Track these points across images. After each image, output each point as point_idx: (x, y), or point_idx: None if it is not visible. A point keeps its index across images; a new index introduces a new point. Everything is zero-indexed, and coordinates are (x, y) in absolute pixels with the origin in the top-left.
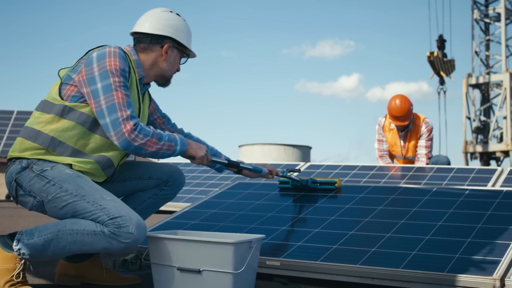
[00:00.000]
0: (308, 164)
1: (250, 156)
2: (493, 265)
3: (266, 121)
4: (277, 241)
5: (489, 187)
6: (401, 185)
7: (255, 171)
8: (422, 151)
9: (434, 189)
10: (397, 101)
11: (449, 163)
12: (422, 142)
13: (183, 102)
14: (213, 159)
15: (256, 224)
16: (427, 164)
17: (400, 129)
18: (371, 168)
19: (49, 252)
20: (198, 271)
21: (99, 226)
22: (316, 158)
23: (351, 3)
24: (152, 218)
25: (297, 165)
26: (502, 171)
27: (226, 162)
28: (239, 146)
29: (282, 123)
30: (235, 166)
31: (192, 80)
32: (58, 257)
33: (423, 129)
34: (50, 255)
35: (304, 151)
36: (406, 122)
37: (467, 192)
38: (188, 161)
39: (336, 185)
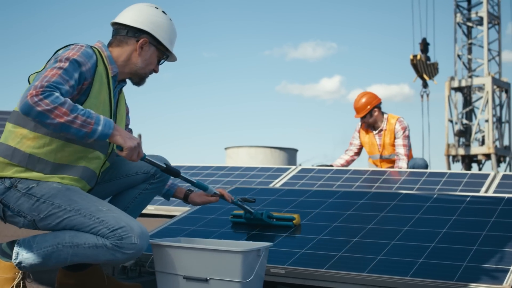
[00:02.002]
0: (300, 168)
1: (236, 159)
2: (502, 274)
3: (249, 123)
4: (280, 248)
5: (482, 192)
6: (394, 190)
7: (199, 185)
8: (400, 151)
9: (435, 195)
10: (359, 95)
11: (426, 166)
12: (399, 141)
13: (165, 104)
14: (148, 157)
15: (256, 231)
16: (406, 163)
17: (366, 126)
18: (363, 172)
19: (50, 264)
20: (205, 280)
21: (100, 239)
22: (302, 159)
23: (334, 5)
24: (149, 223)
25: (279, 176)
26: (495, 176)
27: (164, 166)
28: (225, 149)
29: (265, 124)
30: (175, 174)
31: (173, 81)
32: (60, 267)
33: (397, 127)
34: (52, 266)
35: (290, 154)
36: (360, 114)
37: (468, 198)
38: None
39: (294, 221)
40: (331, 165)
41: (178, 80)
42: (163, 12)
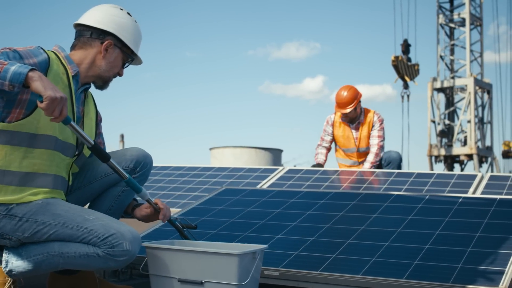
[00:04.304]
0: (287, 168)
1: (221, 159)
2: (498, 275)
3: (232, 123)
4: (273, 250)
5: (470, 193)
6: (382, 191)
7: (130, 183)
8: (374, 141)
9: (427, 196)
10: (342, 89)
11: (400, 158)
12: (374, 132)
13: (147, 104)
14: (73, 124)
15: (249, 232)
16: (377, 155)
17: (347, 120)
18: (350, 173)
19: (41, 270)
20: (201, 283)
21: (92, 248)
22: (287, 158)
23: (318, 6)
24: (139, 224)
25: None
26: (482, 177)
27: (92, 143)
28: (210, 149)
29: (248, 124)
30: (103, 158)
31: (156, 81)
32: (52, 271)
33: (375, 119)
34: (44, 272)
35: (275, 154)
36: (348, 109)
37: (460, 200)
38: (156, 165)
39: None
40: (321, 165)
41: (160, 80)
42: (128, 13)
